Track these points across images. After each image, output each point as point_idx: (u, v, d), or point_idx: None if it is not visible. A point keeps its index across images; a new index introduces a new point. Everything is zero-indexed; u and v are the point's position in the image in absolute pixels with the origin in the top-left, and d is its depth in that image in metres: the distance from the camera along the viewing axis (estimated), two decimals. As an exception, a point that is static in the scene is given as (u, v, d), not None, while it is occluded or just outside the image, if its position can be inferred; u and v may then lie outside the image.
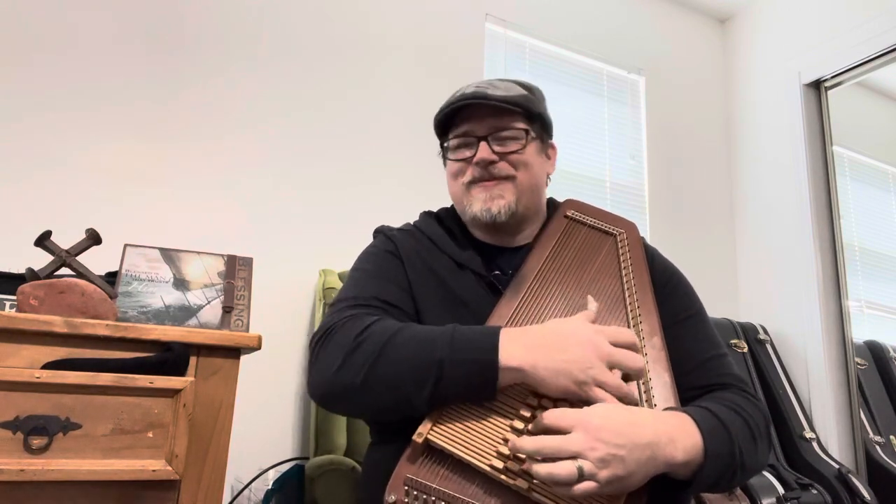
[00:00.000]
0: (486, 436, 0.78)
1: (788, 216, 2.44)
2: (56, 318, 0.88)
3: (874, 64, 2.28)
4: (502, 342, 0.79)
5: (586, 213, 1.06)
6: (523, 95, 1.03)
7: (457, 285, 0.97)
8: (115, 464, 0.85)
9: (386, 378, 0.80)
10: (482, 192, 1.00)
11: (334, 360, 0.83)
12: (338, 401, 0.85)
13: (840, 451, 2.14)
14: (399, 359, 0.80)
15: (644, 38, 2.67)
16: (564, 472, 0.69)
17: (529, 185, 1.02)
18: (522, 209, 1.01)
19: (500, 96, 0.99)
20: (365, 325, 0.84)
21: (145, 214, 1.66)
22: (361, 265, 1.02)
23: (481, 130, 1.00)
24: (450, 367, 0.78)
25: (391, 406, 0.81)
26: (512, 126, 1.01)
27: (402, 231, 1.07)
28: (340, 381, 0.82)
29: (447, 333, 0.81)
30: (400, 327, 0.84)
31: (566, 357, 0.78)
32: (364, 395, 0.81)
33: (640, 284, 0.96)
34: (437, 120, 1.06)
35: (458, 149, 1.03)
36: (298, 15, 1.99)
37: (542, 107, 1.07)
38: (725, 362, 0.96)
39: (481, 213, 0.99)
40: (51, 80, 1.63)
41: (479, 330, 0.82)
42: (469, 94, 1.00)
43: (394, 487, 0.76)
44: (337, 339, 0.84)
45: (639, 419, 0.75)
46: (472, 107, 1.00)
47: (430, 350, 0.79)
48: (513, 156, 1.00)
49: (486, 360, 0.78)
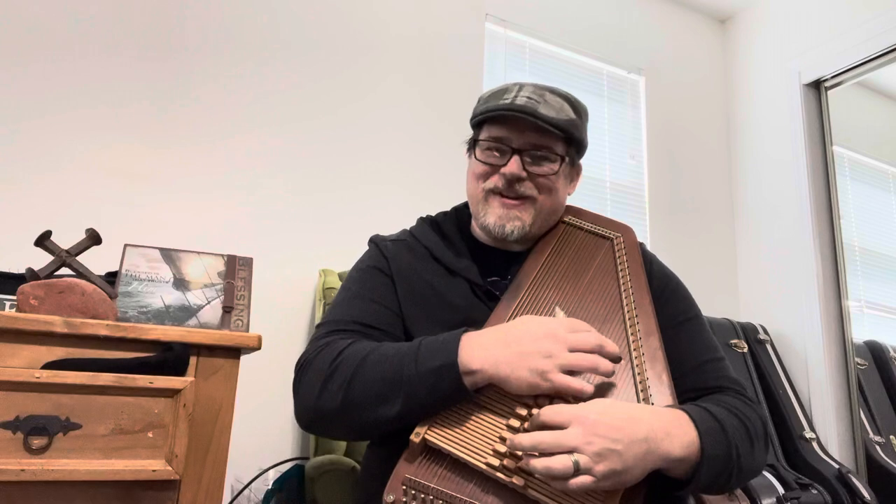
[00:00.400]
0: (483, 435, 0.78)
1: (788, 216, 2.44)
2: (56, 318, 0.88)
3: (874, 64, 2.28)
4: (463, 346, 0.80)
5: (583, 218, 1.07)
6: (571, 120, 0.99)
7: (451, 294, 0.97)
8: (115, 464, 0.85)
9: (359, 400, 0.82)
10: (501, 208, 0.98)
11: (313, 388, 0.85)
12: (322, 427, 0.88)
13: (840, 451, 2.14)
14: (370, 379, 0.82)
15: (644, 38, 2.67)
16: (560, 466, 0.70)
17: (549, 210, 1.01)
18: (536, 230, 1.01)
19: (548, 117, 0.95)
20: (339, 351, 0.86)
21: (145, 214, 1.66)
22: (348, 284, 1.02)
23: (518, 143, 0.98)
24: (416, 380, 0.79)
25: (369, 426, 0.83)
26: (550, 148, 0.98)
27: (395, 241, 1.06)
28: (321, 408, 0.84)
29: (413, 348, 0.83)
30: (371, 349, 0.85)
31: (523, 350, 0.79)
32: (344, 418, 0.83)
33: (637, 287, 0.96)
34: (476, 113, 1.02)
35: (488, 150, 1.00)
36: (299, 16, 1.99)
37: (583, 131, 1.04)
38: (723, 366, 0.96)
39: (494, 228, 0.99)
40: (51, 81, 1.63)
41: (444, 337, 0.83)
42: (519, 105, 0.96)
43: (392, 487, 0.77)
44: (315, 367, 0.87)
45: (636, 414, 0.76)
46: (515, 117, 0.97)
47: (399, 367, 0.81)
48: (542, 179, 0.98)
49: (448, 365, 0.79)
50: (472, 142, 1.05)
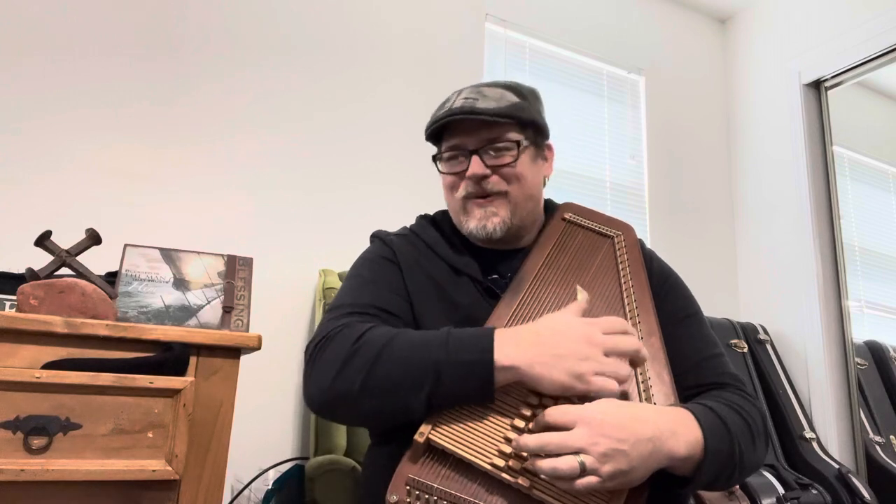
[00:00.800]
0: (488, 435, 0.78)
1: (788, 216, 2.44)
2: (56, 318, 0.88)
3: (874, 64, 2.28)
4: (497, 342, 0.80)
5: (583, 216, 1.07)
6: (514, 104, 1.00)
7: (454, 290, 0.97)
8: (115, 464, 0.85)
9: (383, 384, 0.80)
10: (477, 209, 0.99)
11: (331, 368, 0.83)
12: (336, 409, 0.85)
13: (840, 451, 2.14)
14: (395, 364, 0.80)
15: (644, 38, 2.67)
16: (566, 467, 0.70)
17: (524, 197, 1.01)
18: (518, 221, 1.01)
19: (488, 109, 0.97)
20: (360, 333, 0.84)
21: (145, 214, 1.66)
22: (358, 271, 1.02)
23: (472, 144, 0.99)
24: (446, 368, 0.78)
25: (389, 412, 0.81)
26: (504, 138, 0.99)
27: (399, 236, 1.07)
28: (338, 389, 0.81)
29: (442, 336, 0.81)
30: (395, 333, 0.84)
31: (560, 352, 0.78)
32: (362, 402, 0.81)
33: (638, 285, 0.96)
34: (427, 133, 1.04)
35: (450, 161, 1.02)
36: (299, 15, 1.99)
37: (534, 112, 1.03)
38: (723, 362, 0.97)
39: (477, 231, 0.99)
40: (51, 81, 1.63)
41: (474, 331, 0.82)
42: (457, 108, 0.98)
43: (396, 487, 0.76)
44: (333, 348, 0.84)
45: (640, 414, 0.76)
46: (457, 120, 0.98)
47: (426, 353, 0.80)
48: (505, 169, 0.99)
49: (482, 360, 0.78)
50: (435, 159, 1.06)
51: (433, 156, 1.06)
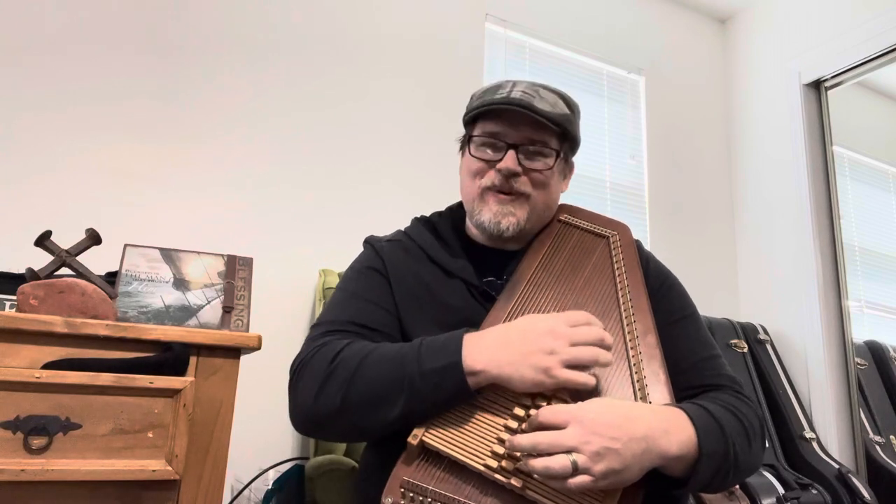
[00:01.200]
0: (481, 436, 0.78)
1: (788, 216, 2.44)
2: (56, 318, 0.89)
3: (874, 64, 2.28)
4: (466, 346, 0.80)
5: (578, 217, 1.07)
6: (565, 115, 0.99)
7: (446, 294, 0.97)
8: (115, 464, 0.85)
9: (360, 400, 0.81)
10: (496, 204, 0.98)
11: (311, 389, 0.84)
12: (319, 428, 0.86)
13: (840, 451, 2.14)
14: (371, 380, 0.81)
15: (644, 38, 2.67)
16: (558, 466, 0.70)
17: (543, 206, 1.01)
18: (530, 227, 1.01)
19: (544, 111, 0.96)
20: (336, 351, 0.85)
21: (145, 214, 1.66)
22: (343, 284, 1.02)
23: (514, 138, 0.97)
24: (419, 379, 0.79)
25: (369, 427, 0.82)
26: (546, 143, 0.98)
27: (391, 242, 1.06)
28: (319, 408, 0.83)
29: (415, 347, 0.82)
30: (371, 349, 0.84)
31: (526, 349, 0.79)
32: (343, 420, 0.82)
33: (634, 284, 0.96)
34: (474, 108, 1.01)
35: (483, 147, 1.00)
36: (298, 15, 1.99)
37: (577, 127, 1.04)
38: (719, 363, 0.96)
39: (489, 225, 0.98)
40: (51, 80, 1.63)
41: (445, 337, 0.83)
42: (516, 99, 0.96)
43: (391, 490, 0.77)
44: (311, 369, 0.85)
45: (633, 413, 0.76)
46: (511, 111, 0.97)
47: (400, 366, 0.80)
48: (536, 174, 0.98)
49: (451, 365, 0.79)
50: (465, 139, 1.04)
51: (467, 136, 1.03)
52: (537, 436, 0.73)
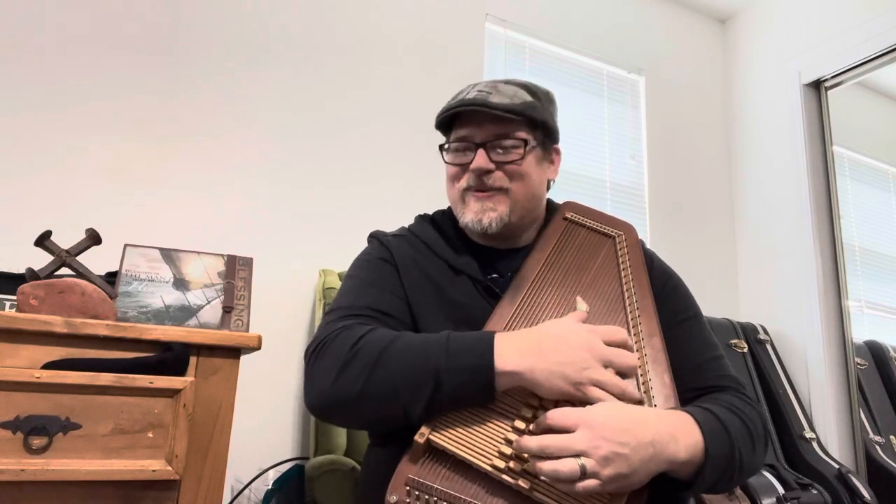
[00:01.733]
0: (488, 436, 0.78)
1: (788, 216, 2.44)
2: (56, 318, 0.88)
3: (874, 64, 2.28)
4: (497, 347, 0.80)
5: (585, 215, 1.06)
6: (527, 103, 1.00)
7: (453, 290, 0.97)
8: (115, 464, 0.85)
9: (383, 388, 0.80)
10: (475, 202, 0.99)
11: (330, 371, 0.82)
12: (336, 412, 0.85)
13: (840, 451, 2.14)
14: (395, 368, 0.80)
15: (644, 38, 2.67)
16: (567, 469, 0.70)
17: (525, 196, 1.01)
18: (516, 219, 1.01)
19: (501, 104, 0.97)
20: (359, 336, 0.84)
21: (145, 214, 1.66)
22: (355, 273, 1.01)
23: (480, 137, 0.99)
24: (446, 374, 0.78)
25: (389, 416, 0.81)
26: (512, 135, 0.99)
27: (396, 236, 1.06)
28: (337, 392, 0.81)
29: (442, 341, 0.81)
30: (395, 336, 0.84)
31: (561, 359, 0.79)
32: (361, 405, 0.81)
33: (639, 286, 0.96)
34: (437, 121, 1.05)
35: (455, 152, 1.02)
36: (298, 15, 1.99)
37: (546, 113, 1.04)
38: (723, 364, 0.96)
39: (472, 224, 0.99)
40: (50, 80, 1.63)
41: (474, 336, 0.82)
42: (469, 99, 0.99)
43: (396, 488, 0.76)
44: (332, 351, 0.84)
45: (641, 417, 0.76)
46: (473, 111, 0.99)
47: (426, 358, 0.80)
48: (510, 166, 0.99)
49: (483, 365, 0.78)
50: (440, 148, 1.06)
51: (440, 145, 1.06)
52: (546, 439, 0.73)
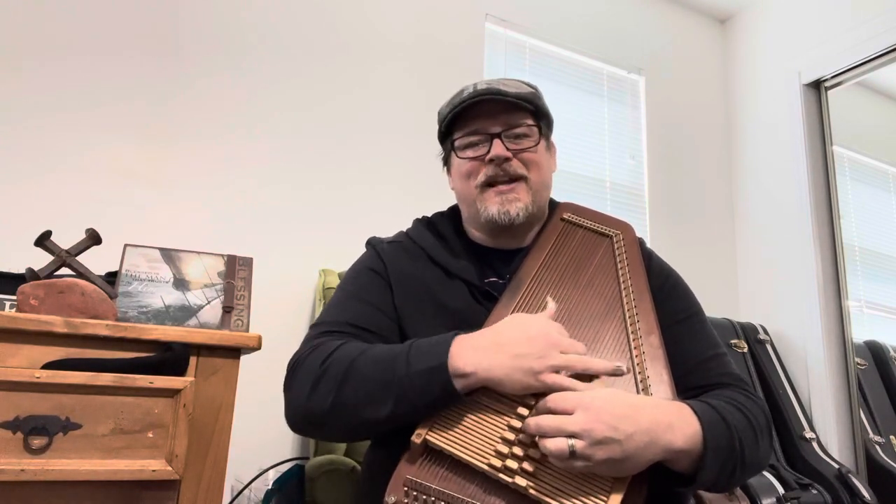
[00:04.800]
0: (485, 435, 0.78)
1: (788, 216, 2.44)
2: (56, 318, 0.88)
3: (874, 64, 2.28)
4: (454, 349, 0.80)
5: (582, 216, 1.06)
6: (532, 93, 1.02)
7: (446, 295, 0.96)
8: (115, 464, 0.85)
9: (351, 401, 0.81)
10: (497, 195, 0.98)
11: (304, 388, 0.85)
12: (311, 428, 0.89)
13: (840, 451, 2.14)
14: (361, 381, 0.81)
15: (644, 38, 2.67)
16: (555, 447, 0.71)
17: (541, 185, 1.02)
18: (536, 209, 1.01)
19: (513, 93, 0.98)
20: (330, 352, 0.86)
21: (145, 214, 1.66)
22: (344, 284, 1.03)
23: (495, 127, 0.99)
24: (406, 382, 0.79)
25: (359, 427, 0.83)
26: (525, 123, 1.00)
27: (392, 244, 1.06)
28: (311, 408, 0.84)
29: (405, 349, 0.82)
30: (363, 350, 0.85)
31: (518, 351, 0.79)
32: (333, 420, 0.83)
33: (637, 284, 0.96)
34: (446, 116, 1.03)
35: (467, 147, 1.01)
36: (298, 15, 1.99)
37: (546, 105, 1.07)
38: (724, 361, 0.96)
39: (499, 217, 0.98)
40: (51, 81, 1.63)
41: (436, 339, 0.83)
42: (482, 90, 0.99)
43: (394, 488, 0.77)
44: (305, 367, 0.87)
45: (639, 404, 0.76)
46: (483, 104, 0.99)
47: (391, 369, 0.81)
48: (526, 154, 0.99)
49: (438, 367, 0.79)
50: (448, 147, 1.06)
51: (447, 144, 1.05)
52: (542, 419, 0.74)
